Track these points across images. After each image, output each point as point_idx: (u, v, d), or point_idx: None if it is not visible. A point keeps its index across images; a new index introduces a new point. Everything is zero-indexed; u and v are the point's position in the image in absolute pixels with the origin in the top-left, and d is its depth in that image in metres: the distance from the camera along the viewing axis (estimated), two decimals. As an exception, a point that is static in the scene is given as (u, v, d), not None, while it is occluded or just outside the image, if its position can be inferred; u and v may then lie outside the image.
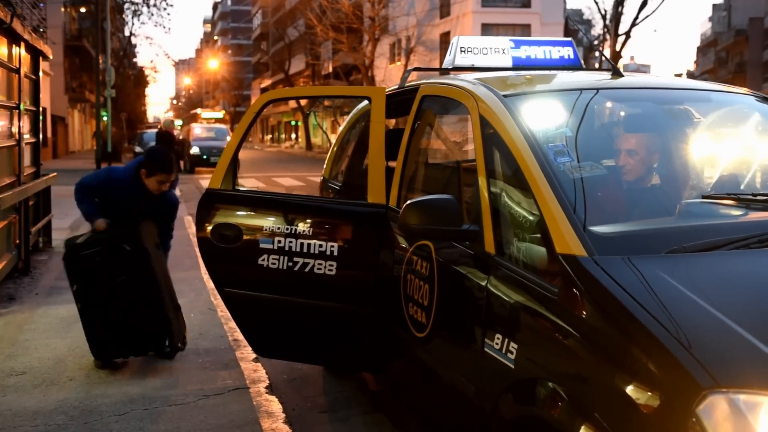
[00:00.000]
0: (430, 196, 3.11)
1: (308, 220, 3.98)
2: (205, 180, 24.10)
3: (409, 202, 3.07)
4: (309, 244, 3.91)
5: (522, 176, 2.85)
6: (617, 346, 2.25)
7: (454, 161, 4.08)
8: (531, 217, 2.76)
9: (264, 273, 3.99)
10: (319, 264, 3.88)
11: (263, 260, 3.98)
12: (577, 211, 2.66)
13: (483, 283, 2.86)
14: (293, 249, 3.93)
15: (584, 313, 2.38)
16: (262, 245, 3.99)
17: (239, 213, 4.17)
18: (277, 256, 3.95)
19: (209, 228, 4.13)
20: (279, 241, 3.95)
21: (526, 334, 2.62)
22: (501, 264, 2.82)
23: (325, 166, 5.64)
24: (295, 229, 3.94)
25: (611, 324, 2.30)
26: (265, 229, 4.01)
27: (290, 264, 3.93)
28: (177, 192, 19.12)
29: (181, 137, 34.85)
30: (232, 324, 6.22)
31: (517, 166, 2.90)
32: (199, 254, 9.97)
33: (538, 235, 2.69)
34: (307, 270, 3.90)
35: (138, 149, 35.35)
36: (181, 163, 31.23)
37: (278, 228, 3.98)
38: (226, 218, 4.12)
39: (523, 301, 2.64)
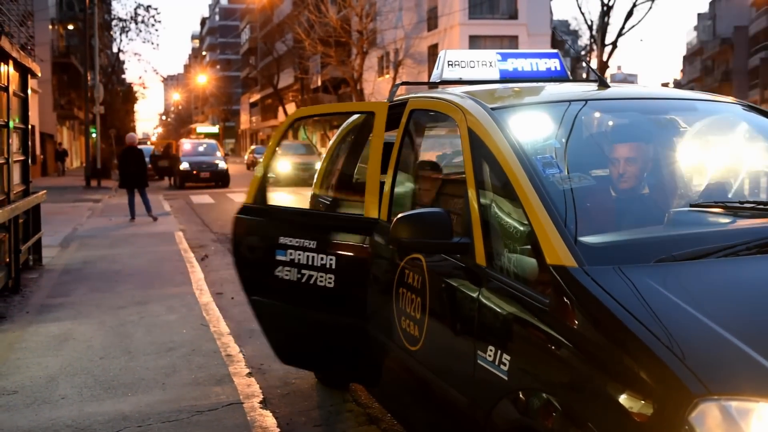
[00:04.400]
0: (421, 209, 3.13)
1: (312, 234, 4.17)
2: (195, 195, 24.04)
3: (399, 215, 3.08)
4: (312, 257, 4.11)
5: (511, 188, 2.87)
6: (609, 356, 2.26)
7: (444, 174, 4.09)
8: (521, 229, 2.78)
9: (280, 283, 4.28)
10: (321, 276, 4.08)
11: (279, 271, 4.28)
12: (566, 221, 2.67)
13: (475, 295, 2.87)
14: (301, 261, 4.17)
15: (576, 323, 2.40)
16: (278, 257, 4.28)
17: (264, 226, 4.50)
18: (289, 268, 4.23)
19: (240, 239, 4.63)
20: (290, 254, 4.22)
21: (519, 345, 2.62)
22: (492, 276, 2.83)
23: (315, 181, 5.64)
24: (303, 242, 4.18)
25: (603, 333, 2.31)
26: (281, 242, 4.28)
27: (299, 276, 4.17)
28: (167, 207, 19.02)
29: (158, 153, 34.60)
30: (225, 339, 6.21)
31: (506, 179, 2.91)
32: (189, 270, 9.97)
33: (529, 247, 2.71)
34: (311, 282, 4.11)
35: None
36: (171, 178, 31.15)
37: (290, 241, 4.24)
38: (252, 230, 4.56)
39: (515, 313, 2.65)
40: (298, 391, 5.17)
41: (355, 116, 5.16)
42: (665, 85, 63.35)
